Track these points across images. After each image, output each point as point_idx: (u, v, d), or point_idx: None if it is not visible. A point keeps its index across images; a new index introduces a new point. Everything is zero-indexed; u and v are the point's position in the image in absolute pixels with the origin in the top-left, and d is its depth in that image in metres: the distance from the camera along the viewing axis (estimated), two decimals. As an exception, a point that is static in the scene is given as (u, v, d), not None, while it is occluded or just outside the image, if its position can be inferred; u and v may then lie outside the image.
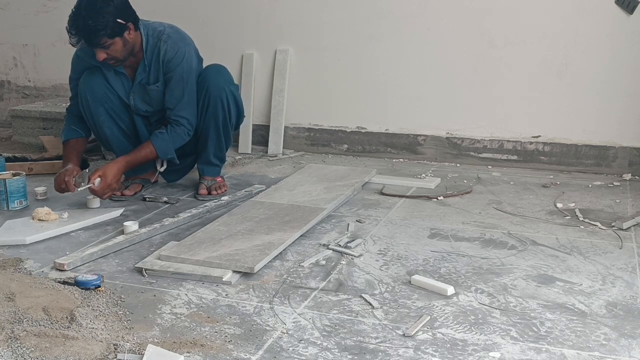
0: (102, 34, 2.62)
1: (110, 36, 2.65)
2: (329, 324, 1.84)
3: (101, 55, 2.70)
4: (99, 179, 2.73)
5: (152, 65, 2.85)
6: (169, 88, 2.87)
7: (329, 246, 2.39)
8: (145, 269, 2.17)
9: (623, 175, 3.38)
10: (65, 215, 2.65)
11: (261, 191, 3.01)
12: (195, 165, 3.13)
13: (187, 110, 2.89)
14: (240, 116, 3.05)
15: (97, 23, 2.60)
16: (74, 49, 2.88)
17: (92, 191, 2.74)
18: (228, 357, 1.66)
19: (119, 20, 2.66)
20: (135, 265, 2.21)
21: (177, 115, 2.88)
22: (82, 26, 2.62)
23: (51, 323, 1.77)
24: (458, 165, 3.63)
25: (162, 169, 3.04)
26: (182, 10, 3.87)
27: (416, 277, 2.10)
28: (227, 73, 2.99)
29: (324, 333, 1.79)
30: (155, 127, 2.97)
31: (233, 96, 2.96)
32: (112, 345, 1.68)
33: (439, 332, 1.79)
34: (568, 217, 2.73)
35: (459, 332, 1.79)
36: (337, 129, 3.87)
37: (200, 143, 3.01)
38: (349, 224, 2.63)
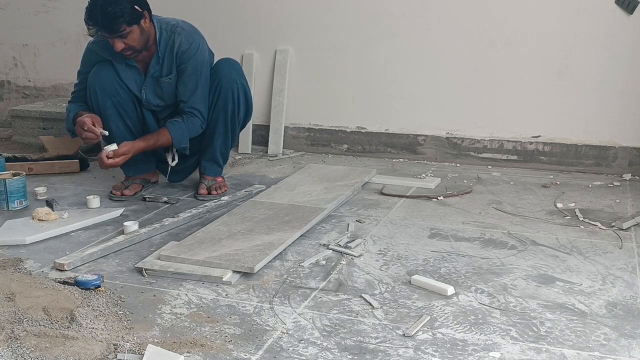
0: (121, 21, 2.65)
1: (129, 23, 2.67)
2: (329, 324, 1.84)
3: (119, 45, 2.71)
4: (114, 145, 2.75)
5: (165, 57, 2.86)
6: (182, 80, 2.88)
7: (329, 246, 2.39)
8: (145, 269, 2.17)
9: (623, 175, 3.38)
10: (65, 215, 2.66)
11: (261, 191, 3.01)
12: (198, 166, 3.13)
13: (201, 102, 2.90)
14: (248, 112, 3.03)
15: (115, 10, 2.63)
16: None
17: (100, 158, 2.73)
18: (228, 357, 1.66)
19: (136, 7, 2.69)
20: (135, 265, 2.21)
21: (191, 107, 2.89)
22: (100, 15, 2.64)
23: (51, 323, 1.77)
24: (458, 165, 3.63)
25: (173, 163, 3.01)
26: (182, 10, 3.86)
27: (416, 277, 2.10)
28: (240, 67, 3.01)
29: (324, 333, 1.79)
30: (164, 123, 2.96)
31: (244, 90, 2.96)
32: (112, 345, 1.68)
33: (439, 332, 1.79)
34: (568, 217, 2.73)
35: (459, 332, 1.79)
36: (337, 129, 3.87)
37: (207, 138, 3.00)
38: (349, 224, 2.63)
